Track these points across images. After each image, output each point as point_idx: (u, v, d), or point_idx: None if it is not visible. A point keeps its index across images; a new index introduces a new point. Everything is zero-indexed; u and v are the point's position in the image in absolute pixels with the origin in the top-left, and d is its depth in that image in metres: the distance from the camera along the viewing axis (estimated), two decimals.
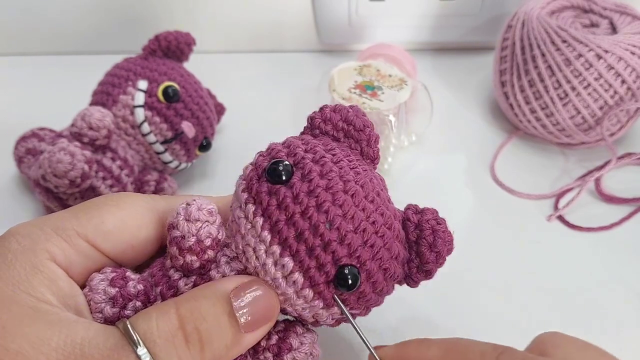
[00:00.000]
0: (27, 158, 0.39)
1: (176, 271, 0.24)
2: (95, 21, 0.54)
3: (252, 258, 0.23)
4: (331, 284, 0.23)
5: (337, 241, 0.22)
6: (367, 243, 0.23)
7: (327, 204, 0.22)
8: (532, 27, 0.43)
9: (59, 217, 0.24)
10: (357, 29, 0.54)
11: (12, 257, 0.22)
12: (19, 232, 0.23)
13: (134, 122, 0.38)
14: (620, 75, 0.40)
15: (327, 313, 0.24)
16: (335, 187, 0.23)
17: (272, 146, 0.25)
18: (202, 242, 0.23)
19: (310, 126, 0.26)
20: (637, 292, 0.36)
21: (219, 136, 0.45)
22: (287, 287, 0.23)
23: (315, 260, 0.22)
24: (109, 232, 0.24)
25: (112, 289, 0.23)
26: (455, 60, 0.56)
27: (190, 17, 0.54)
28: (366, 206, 0.23)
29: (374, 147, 0.26)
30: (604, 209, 0.41)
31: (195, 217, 0.23)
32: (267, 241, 0.22)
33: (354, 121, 0.25)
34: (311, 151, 0.24)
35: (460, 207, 0.42)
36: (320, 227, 0.22)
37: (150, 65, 0.39)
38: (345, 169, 0.23)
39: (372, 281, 0.23)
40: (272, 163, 0.23)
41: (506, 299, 0.36)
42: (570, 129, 0.43)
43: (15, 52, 0.56)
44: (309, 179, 0.23)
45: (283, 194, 0.22)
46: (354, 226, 0.23)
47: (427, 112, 0.46)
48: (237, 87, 0.52)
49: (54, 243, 0.23)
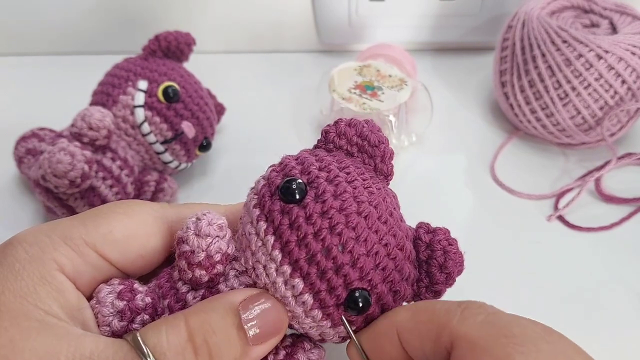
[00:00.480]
0: (27, 158, 0.39)
1: (184, 284, 0.24)
2: (95, 21, 0.54)
3: (262, 275, 0.23)
4: (341, 306, 0.23)
5: (349, 264, 0.22)
6: (379, 266, 0.23)
7: (340, 227, 0.22)
8: (533, 27, 0.43)
9: (66, 224, 0.23)
10: (357, 29, 0.54)
11: (20, 267, 0.21)
12: (26, 240, 0.22)
13: (134, 123, 0.38)
14: (620, 75, 0.40)
15: (333, 332, 0.24)
16: (349, 208, 0.22)
17: (286, 161, 0.24)
18: (211, 257, 0.23)
19: (324, 140, 0.26)
20: (637, 292, 0.36)
21: (219, 136, 0.45)
22: (296, 306, 0.23)
23: (327, 283, 0.22)
24: (117, 241, 0.24)
25: (120, 302, 0.23)
26: (456, 60, 0.56)
27: (190, 17, 0.54)
28: (379, 228, 0.23)
29: (389, 163, 0.26)
30: (604, 209, 0.41)
31: (205, 232, 0.23)
32: (277, 260, 0.22)
33: (369, 137, 0.25)
34: (325, 169, 0.23)
35: (460, 207, 0.42)
36: (333, 250, 0.22)
37: (150, 65, 0.39)
38: (359, 189, 0.23)
39: (381, 303, 0.23)
40: (286, 181, 0.23)
41: (506, 298, 0.35)
42: (571, 129, 0.43)
43: (15, 52, 0.56)
44: (322, 199, 0.22)
45: (296, 214, 0.22)
46: (366, 249, 0.22)
47: (427, 112, 0.46)
48: (237, 87, 0.52)
49: (62, 252, 0.22)
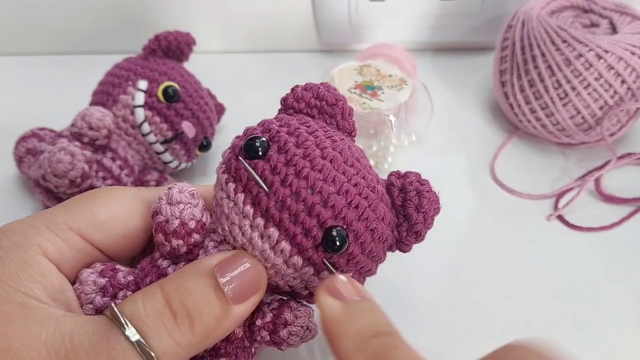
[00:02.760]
0: (27, 158, 0.39)
1: (165, 259, 0.24)
2: (95, 21, 0.54)
3: (239, 235, 0.23)
4: (320, 247, 0.23)
5: (320, 204, 0.22)
6: (351, 204, 0.23)
7: (306, 170, 0.22)
8: (532, 27, 0.43)
9: (49, 212, 0.24)
10: (357, 29, 0.54)
11: (3, 253, 0.22)
12: (10, 229, 0.23)
13: (134, 122, 0.38)
14: (620, 75, 0.40)
15: (318, 279, 0.24)
16: (313, 154, 0.23)
17: (247, 127, 0.25)
18: (186, 224, 0.23)
19: (283, 107, 0.27)
20: (637, 292, 0.36)
21: (219, 136, 0.45)
22: (275, 257, 0.23)
23: (301, 226, 0.22)
24: (100, 223, 0.24)
25: (101, 279, 0.23)
26: (455, 60, 0.56)
27: (190, 17, 0.54)
28: (346, 170, 0.23)
29: (349, 119, 0.26)
30: (604, 209, 0.41)
31: (177, 199, 0.23)
32: (250, 215, 0.22)
33: (325, 96, 0.26)
34: (285, 125, 0.24)
35: (460, 207, 0.42)
36: (302, 193, 0.22)
37: (150, 65, 0.39)
38: (321, 138, 0.24)
39: (360, 242, 0.23)
40: (248, 140, 0.23)
41: (506, 298, 0.35)
42: (570, 129, 0.43)
43: (15, 52, 0.56)
44: (285, 149, 0.23)
45: (261, 168, 0.23)
46: (336, 188, 0.23)
47: (427, 112, 0.46)
48: (237, 87, 0.52)
49: (46, 237, 0.23)
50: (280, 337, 0.24)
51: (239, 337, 0.25)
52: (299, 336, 0.25)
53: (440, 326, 0.34)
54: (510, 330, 0.33)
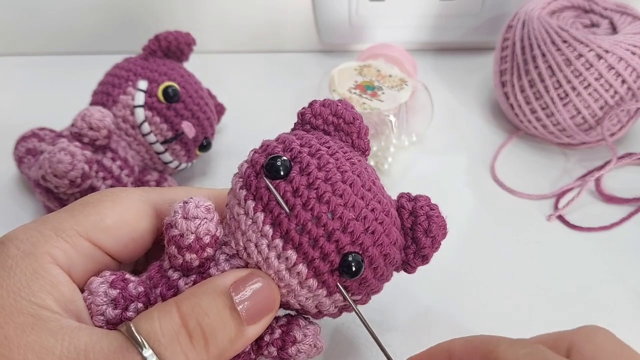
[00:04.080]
0: (27, 158, 0.39)
1: (175, 271, 0.24)
2: (95, 21, 0.54)
3: (254, 253, 0.23)
4: (335, 272, 0.23)
5: (340, 230, 0.22)
6: (368, 230, 0.23)
7: (327, 195, 0.23)
8: (533, 27, 0.43)
9: (56, 217, 0.24)
10: (358, 29, 0.54)
11: (12, 263, 0.21)
12: (17, 237, 0.22)
13: (134, 122, 0.38)
14: (620, 75, 0.40)
15: (329, 301, 0.24)
16: (334, 177, 0.23)
17: (267, 143, 0.25)
18: (201, 239, 0.23)
19: (301, 122, 0.27)
20: (637, 292, 0.36)
21: (219, 136, 0.45)
22: (290, 278, 0.23)
23: (320, 251, 0.22)
24: (109, 228, 0.24)
25: (113, 291, 0.23)
26: (456, 60, 0.56)
27: (190, 17, 0.54)
28: (364, 194, 0.24)
29: (364, 138, 0.26)
30: (604, 209, 0.41)
31: (193, 214, 0.23)
32: (269, 235, 0.23)
33: (343, 114, 0.26)
34: (307, 145, 0.24)
35: (460, 207, 0.42)
36: (323, 218, 0.22)
37: (150, 65, 0.39)
38: (341, 160, 0.24)
39: (374, 267, 0.24)
40: (270, 159, 0.23)
41: (506, 298, 0.35)
42: (571, 129, 0.43)
43: (15, 52, 0.56)
44: (307, 172, 0.23)
45: (283, 189, 0.23)
46: (355, 214, 0.23)
47: (428, 112, 0.46)
48: (237, 87, 0.52)
49: (55, 245, 0.22)
50: (288, 354, 0.25)
51: (246, 351, 0.25)
52: (307, 353, 0.25)
53: (440, 326, 0.34)
54: (510, 329, 0.33)
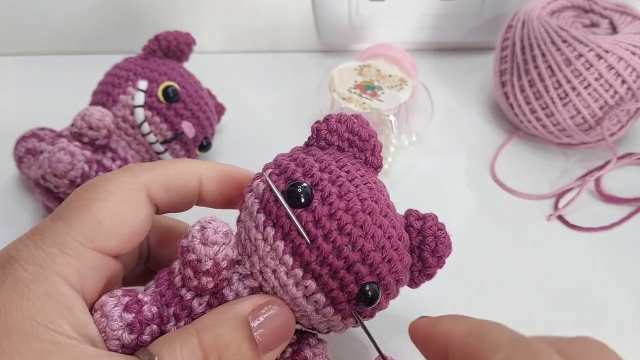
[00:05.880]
0: (27, 158, 0.39)
1: (188, 291, 0.24)
2: (95, 21, 0.54)
3: (271, 279, 0.23)
4: (352, 300, 0.23)
5: (360, 262, 0.23)
6: (385, 259, 0.23)
7: (349, 227, 0.22)
8: (533, 27, 0.43)
9: (53, 230, 0.22)
10: (357, 29, 0.54)
11: (23, 286, 0.21)
12: (22, 257, 0.22)
13: (134, 122, 0.38)
14: (620, 75, 0.40)
15: (342, 324, 0.25)
16: (355, 207, 0.23)
17: (284, 163, 0.24)
18: (218, 264, 0.23)
19: (316, 137, 0.26)
20: (637, 292, 0.36)
21: (219, 136, 0.45)
22: (307, 305, 0.23)
23: (339, 282, 0.23)
24: (110, 230, 0.23)
25: (128, 315, 0.22)
26: (456, 60, 0.56)
27: (190, 17, 0.54)
28: (382, 222, 0.24)
29: (378, 156, 0.26)
30: (604, 209, 0.41)
31: (212, 240, 0.23)
32: (289, 265, 0.22)
33: (359, 132, 0.26)
34: (327, 170, 0.24)
35: (460, 207, 0.42)
36: (344, 251, 0.22)
37: (150, 65, 0.39)
38: (361, 187, 0.24)
39: (387, 292, 0.24)
40: (291, 185, 0.23)
41: (506, 298, 0.35)
42: (571, 129, 0.43)
43: (15, 52, 0.56)
44: (329, 202, 0.23)
45: (305, 219, 0.22)
46: (374, 245, 0.23)
47: (428, 112, 0.46)
48: (237, 87, 0.52)
49: (62, 263, 0.22)
50: None
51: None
52: None
53: None
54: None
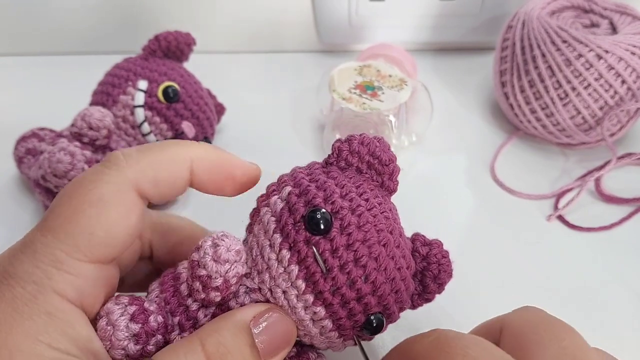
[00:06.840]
0: (27, 158, 0.39)
1: (194, 301, 0.24)
2: (95, 21, 0.54)
3: (281, 298, 0.23)
4: (357, 327, 0.23)
5: (370, 293, 0.23)
6: (393, 289, 0.24)
7: (364, 259, 0.23)
8: (533, 28, 0.43)
9: (44, 243, 0.22)
10: (357, 29, 0.54)
11: (22, 304, 0.20)
12: (16, 274, 0.21)
13: (134, 122, 0.38)
14: (620, 75, 0.40)
15: (342, 345, 0.25)
16: (372, 239, 0.23)
17: (304, 184, 0.24)
18: (228, 281, 0.23)
19: (336, 157, 0.26)
20: (637, 292, 0.36)
21: (219, 136, 0.45)
22: (313, 327, 0.23)
23: (348, 311, 0.23)
24: (103, 239, 0.22)
25: (135, 325, 0.22)
26: (456, 60, 0.56)
27: (190, 17, 0.54)
28: (395, 253, 0.24)
29: (395, 180, 0.26)
30: (604, 209, 0.41)
31: (224, 258, 0.23)
32: (300, 289, 0.23)
33: (381, 156, 0.26)
34: (347, 198, 0.24)
35: (460, 207, 0.42)
36: (357, 282, 0.22)
37: (150, 65, 0.39)
38: (378, 217, 0.24)
39: (390, 320, 0.24)
40: (311, 211, 0.23)
41: (506, 298, 0.35)
42: (571, 129, 0.43)
43: (15, 52, 0.56)
44: (348, 232, 0.23)
45: (323, 247, 0.22)
46: (385, 277, 0.23)
47: (428, 112, 0.46)
48: (237, 87, 0.52)
49: (60, 280, 0.21)
50: None
51: None
52: None
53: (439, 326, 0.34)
54: None
